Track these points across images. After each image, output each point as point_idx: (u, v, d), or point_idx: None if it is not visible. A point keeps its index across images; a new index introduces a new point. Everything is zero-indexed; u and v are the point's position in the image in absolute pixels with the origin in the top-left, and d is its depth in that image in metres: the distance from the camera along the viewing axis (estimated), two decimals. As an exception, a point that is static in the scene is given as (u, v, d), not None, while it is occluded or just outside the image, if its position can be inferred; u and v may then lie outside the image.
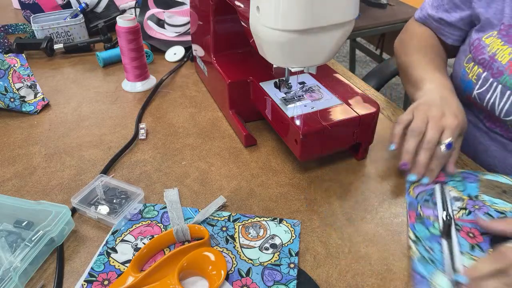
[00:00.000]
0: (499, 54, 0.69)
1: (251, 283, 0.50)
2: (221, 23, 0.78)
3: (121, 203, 0.61)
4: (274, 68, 0.72)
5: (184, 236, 0.55)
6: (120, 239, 0.56)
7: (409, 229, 0.57)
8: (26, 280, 0.51)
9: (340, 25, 0.52)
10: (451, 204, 0.60)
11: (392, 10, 1.99)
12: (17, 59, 1.03)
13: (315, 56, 0.55)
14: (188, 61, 1.07)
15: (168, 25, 1.17)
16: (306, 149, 0.63)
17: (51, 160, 0.72)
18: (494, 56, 0.70)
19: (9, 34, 1.22)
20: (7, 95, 0.83)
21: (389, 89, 2.77)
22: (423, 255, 0.53)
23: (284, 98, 0.68)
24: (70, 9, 1.19)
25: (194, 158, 0.72)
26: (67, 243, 0.56)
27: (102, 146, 0.75)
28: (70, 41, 1.13)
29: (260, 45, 0.58)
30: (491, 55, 0.70)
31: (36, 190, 0.65)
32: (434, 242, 0.55)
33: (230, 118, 0.78)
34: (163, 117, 0.84)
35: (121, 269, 0.52)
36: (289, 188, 0.65)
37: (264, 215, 0.60)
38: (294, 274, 0.51)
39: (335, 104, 0.67)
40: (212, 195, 0.64)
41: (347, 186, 0.66)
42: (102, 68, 1.04)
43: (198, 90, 0.93)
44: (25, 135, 0.78)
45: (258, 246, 0.55)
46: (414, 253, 0.54)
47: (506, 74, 0.68)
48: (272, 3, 0.49)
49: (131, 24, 0.86)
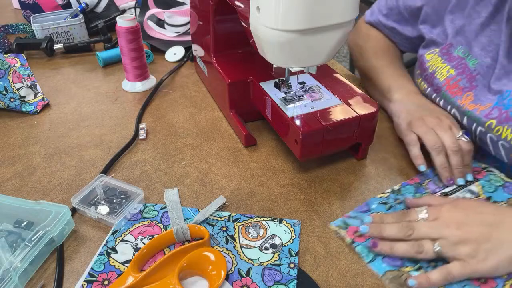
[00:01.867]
0: (438, 72, 0.72)
1: (251, 283, 0.50)
2: (221, 23, 0.78)
3: (121, 203, 0.61)
4: (274, 68, 0.72)
5: (184, 236, 0.55)
6: (120, 239, 0.56)
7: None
8: (26, 280, 0.51)
9: (340, 25, 0.52)
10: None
11: (392, 10, 1.98)
12: (17, 59, 1.03)
13: (315, 56, 0.55)
14: (188, 61, 1.07)
15: (168, 25, 1.17)
16: (306, 149, 0.63)
17: (51, 160, 0.72)
18: (434, 73, 0.73)
19: (9, 34, 1.22)
20: (7, 95, 0.83)
21: (389, 89, 2.76)
22: None
23: (284, 98, 0.68)
24: (70, 9, 1.19)
25: (194, 158, 0.72)
26: (67, 243, 0.56)
27: (102, 146, 0.75)
28: (70, 41, 1.13)
29: (260, 45, 0.58)
30: (431, 72, 0.74)
31: (36, 190, 0.65)
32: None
33: (230, 118, 0.78)
34: (163, 117, 0.84)
35: (121, 269, 0.52)
36: (289, 188, 0.65)
37: (264, 215, 0.60)
38: (294, 274, 0.51)
39: (335, 104, 0.67)
40: (212, 195, 0.64)
41: (347, 186, 0.66)
42: (102, 68, 1.04)
43: (198, 90, 0.93)
44: (25, 135, 0.78)
45: (258, 246, 0.55)
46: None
47: (443, 90, 0.71)
48: (272, 3, 0.49)
49: (131, 24, 0.86)
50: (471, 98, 0.67)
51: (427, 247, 0.51)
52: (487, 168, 0.67)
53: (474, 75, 0.67)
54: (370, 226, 0.55)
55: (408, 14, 0.82)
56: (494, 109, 0.63)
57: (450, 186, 0.64)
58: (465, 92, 0.68)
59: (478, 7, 0.67)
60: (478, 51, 0.67)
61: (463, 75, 0.69)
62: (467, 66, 0.69)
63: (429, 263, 0.52)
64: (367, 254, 0.54)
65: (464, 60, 0.69)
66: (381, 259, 0.53)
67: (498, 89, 0.63)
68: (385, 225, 0.55)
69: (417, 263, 0.52)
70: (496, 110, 0.63)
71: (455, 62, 0.70)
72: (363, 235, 0.56)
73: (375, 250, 0.53)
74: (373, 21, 0.90)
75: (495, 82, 0.64)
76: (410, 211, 0.56)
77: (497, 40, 0.65)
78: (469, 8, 0.68)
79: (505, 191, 0.63)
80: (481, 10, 0.67)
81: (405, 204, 0.61)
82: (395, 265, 0.52)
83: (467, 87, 0.68)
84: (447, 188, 0.64)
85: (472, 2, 0.68)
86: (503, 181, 0.64)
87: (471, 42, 0.68)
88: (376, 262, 0.53)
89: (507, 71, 0.63)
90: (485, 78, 0.66)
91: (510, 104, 0.61)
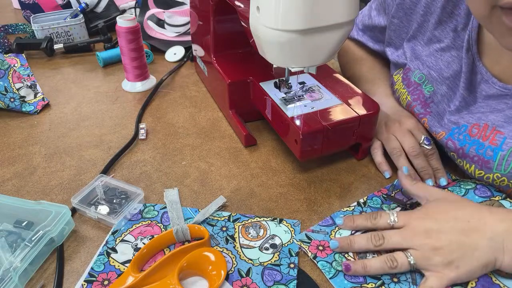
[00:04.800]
0: (401, 97, 0.73)
1: (251, 283, 0.50)
2: (221, 23, 0.78)
3: (121, 203, 0.61)
4: (274, 68, 0.71)
5: (184, 236, 0.55)
6: (120, 239, 0.56)
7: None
8: (26, 280, 0.51)
9: (340, 25, 0.52)
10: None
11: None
12: (17, 59, 1.03)
13: (315, 56, 0.55)
14: (188, 61, 1.07)
15: (168, 25, 1.17)
16: (306, 149, 0.63)
17: (51, 160, 0.72)
18: (399, 98, 0.74)
19: (9, 34, 1.22)
20: (7, 95, 0.83)
21: (389, 89, 2.76)
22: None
23: (284, 98, 0.68)
24: (70, 9, 1.19)
25: (194, 158, 0.72)
26: (67, 243, 0.56)
27: (102, 146, 0.75)
28: (70, 41, 1.13)
29: (260, 45, 0.58)
30: (398, 96, 0.75)
31: (36, 190, 0.65)
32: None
33: (230, 118, 0.78)
34: (163, 117, 0.84)
35: (121, 269, 0.52)
36: (289, 188, 0.65)
37: (264, 215, 0.60)
38: (294, 274, 0.51)
39: (335, 104, 0.67)
40: (212, 195, 0.64)
41: (347, 186, 0.66)
42: (102, 68, 1.04)
43: (198, 90, 0.93)
44: (25, 135, 0.78)
45: (258, 246, 0.55)
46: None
47: None
48: (272, 3, 0.49)
49: (131, 24, 0.86)
50: (426, 126, 0.68)
51: (401, 260, 0.49)
52: (458, 180, 0.65)
53: (428, 102, 0.68)
54: (339, 241, 0.53)
55: (378, 32, 0.82)
56: (449, 141, 0.63)
57: None
58: (421, 118, 0.69)
59: (436, 32, 0.66)
60: (436, 76, 0.66)
61: (418, 101, 0.69)
62: (422, 92, 0.69)
63: (391, 279, 0.50)
64: (329, 270, 0.51)
65: (420, 86, 0.69)
66: (343, 276, 0.51)
67: (456, 121, 0.62)
68: (354, 238, 0.53)
69: (379, 280, 0.50)
70: (450, 142, 0.62)
71: (411, 88, 0.71)
72: (325, 250, 0.54)
73: (350, 273, 0.50)
74: (352, 37, 0.91)
75: (455, 113, 0.63)
76: (382, 213, 0.54)
77: (456, 66, 0.63)
78: (429, 33, 0.68)
79: (477, 193, 0.60)
80: (440, 36, 0.66)
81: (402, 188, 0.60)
82: (357, 282, 0.50)
83: (421, 113, 0.69)
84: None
85: (431, 27, 0.67)
86: (475, 184, 0.62)
87: (428, 66, 0.68)
88: (338, 278, 0.50)
89: (467, 103, 0.62)
90: (439, 106, 0.66)
91: (465, 140, 0.60)
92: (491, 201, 0.59)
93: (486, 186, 0.61)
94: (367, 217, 0.55)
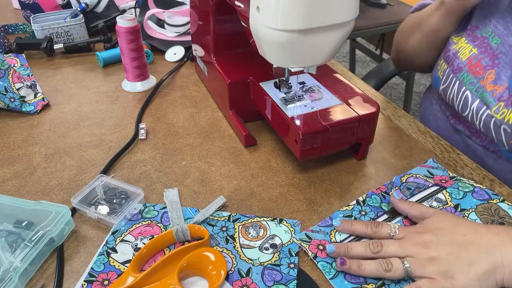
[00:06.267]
0: (461, 52, 0.72)
1: (251, 283, 0.50)
2: (221, 23, 0.78)
3: (121, 203, 0.61)
4: (274, 68, 0.72)
5: (184, 236, 0.55)
6: (120, 239, 0.56)
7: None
8: (26, 280, 0.51)
9: (340, 25, 0.52)
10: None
11: (392, 10, 1.99)
12: (17, 59, 1.03)
13: (315, 56, 0.55)
14: (188, 61, 1.07)
15: (168, 25, 1.17)
16: (306, 149, 0.63)
17: (51, 160, 0.72)
18: (457, 53, 0.73)
19: (9, 34, 1.22)
20: (7, 95, 0.83)
21: (389, 89, 2.77)
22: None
23: (284, 98, 0.68)
24: (70, 9, 1.19)
25: (194, 158, 0.72)
26: (67, 243, 0.56)
27: (102, 146, 0.75)
28: (70, 41, 1.13)
29: (260, 45, 0.58)
30: (454, 52, 0.74)
31: (36, 190, 0.65)
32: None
33: (230, 118, 0.78)
34: (163, 117, 0.84)
35: (121, 269, 0.52)
36: (289, 188, 0.65)
37: (264, 215, 0.60)
38: (294, 274, 0.51)
39: (335, 104, 0.67)
40: (212, 195, 0.64)
41: (347, 186, 0.66)
42: (102, 68, 1.04)
43: (198, 90, 0.93)
44: (25, 135, 0.78)
45: (258, 246, 0.55)
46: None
47: (464, 71, 0.71)
48: (272, 3, 0.49)
49: (131, 24, 0.86)
50: (492, 77, 0.67)
51: (396, 265, 0.49)
52: (455, 178, 0.65)
53: (497, 53, 0.68)
54: (336, 246, 0.52)
55: None
56: (506, 91, 0.63)
57: (416, 195, 0.62)
58: (487, 70, 0.68)
59: None
60: (502, 29, 0.67)
61: (485, 54, 0.69)
62: (490, 44, 0.69)
63: (392, 280, 0.50)
64: (329, 270, 0.51)
65: (487, 39, 0.70)
66: (343, 276, 0.50)
67: None
68: (352, 244, 0.53)
69: (380, 280, 0.50)
70: (507, 92, 0.63)
71: (477, 42, 0.71)
72: (325, 250, 0.53)
73: (343, 268, 0.50)
74: (417, 6, 0.90)
75: None
76: (384, 223, 0.55)
77: None
78: None
79: (475, 196, 0.61)
80: None
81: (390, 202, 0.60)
82: (357, 282, 0.50)
83: (489, 65, 0.68)
84: (414, 197, 0.61)
85: None
86: (473, 186, 0.62)
87: (495, 21, 0.69)
88: (338, 279, 0.50)
89: None
90: (507, 57, 0.67)
91: None
92: (489, 204, 0.59)
93: (484, 189, 0.62)
94: (368, 224, 0.55)
